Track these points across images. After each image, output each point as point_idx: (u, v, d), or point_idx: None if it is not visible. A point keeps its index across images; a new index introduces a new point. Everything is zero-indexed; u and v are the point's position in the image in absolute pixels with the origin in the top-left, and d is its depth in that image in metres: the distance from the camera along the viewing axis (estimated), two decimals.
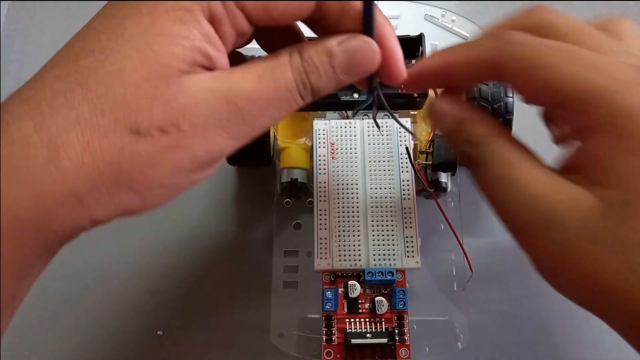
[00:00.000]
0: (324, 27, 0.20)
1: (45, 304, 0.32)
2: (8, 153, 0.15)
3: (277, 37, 0.21)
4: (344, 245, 0.27)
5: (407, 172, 0.29)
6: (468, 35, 0.37)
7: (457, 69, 0.21)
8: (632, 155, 0.17)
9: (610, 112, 0.18)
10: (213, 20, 0.18)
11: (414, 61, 0.29)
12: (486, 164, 0.20)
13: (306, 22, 0.21)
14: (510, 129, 0.27)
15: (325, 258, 0.27)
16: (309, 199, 0.32)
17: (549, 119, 0.22)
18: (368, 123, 0.30)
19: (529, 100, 0.20)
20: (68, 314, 0.33)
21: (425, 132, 0.31)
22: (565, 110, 0.19)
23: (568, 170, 0.19)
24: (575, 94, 0.18)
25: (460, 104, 0.22)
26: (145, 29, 0.17)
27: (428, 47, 0.34)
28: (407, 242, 0.27)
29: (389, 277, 0.26)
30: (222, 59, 0.18)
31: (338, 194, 0.28)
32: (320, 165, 0.29)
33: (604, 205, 0.18)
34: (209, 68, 0.18)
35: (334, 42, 0.19)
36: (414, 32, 0.28)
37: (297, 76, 0.19)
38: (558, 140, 0.22)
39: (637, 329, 0.18)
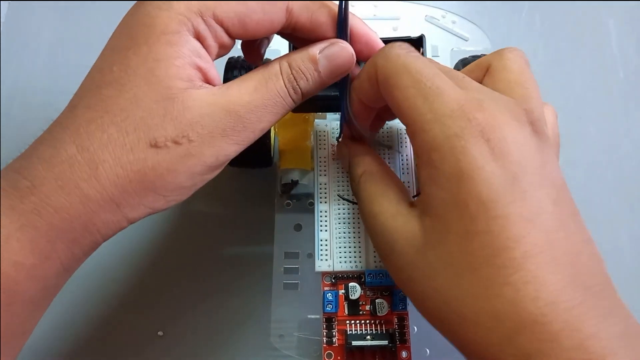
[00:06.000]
0: (299, 37, 0.23)
1: None
2: (60, 171, 0.19)
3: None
4: (345, 247, 0.27)
5: (407, 173, 0.29)
6: (468, 36, 0.37)
7: (364, 91, 0.23)
8: (435, 185, 0.19)
9: (425, 143, 0.20)
10: (199, 37, 0.21)
11: None
12: (359, 199, 0.24)
13: (282, 35, 0.24)
14: None
15: (326, 260, 0.27)
16: (310, 201, 0.32)
17: None
18: None
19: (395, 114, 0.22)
20: (67, 313, 0.33)
21: None
22: (407, 131, 0.21)
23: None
24: (410, 120, 0.20)
25: (353, 148, 0.25)
26: (145, 57, 0.20)
27: (429, 48, 0.34)
28: None
29: (390, 279, 0.26)
30: (212, 69, 0.21)
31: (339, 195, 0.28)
32: (321, 166, 0.29)
33: (423, 233, 0.20)
34: (203, 78, 0.21)
35: (316, 50, 0.22)
36: (414, 34, 0.28)
37: (287, 83, 0.22)
38: None
39: (455, 342, 0.20)
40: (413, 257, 0.20)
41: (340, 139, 0.28)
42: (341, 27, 0.22)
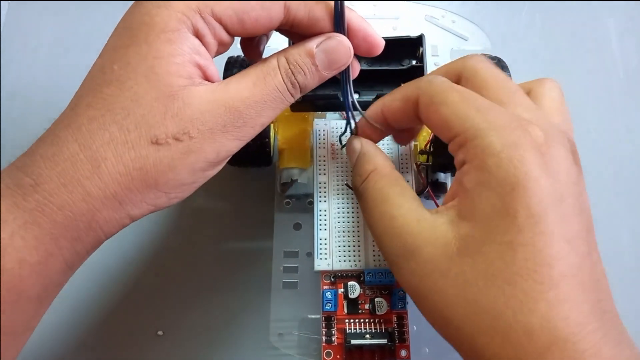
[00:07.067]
0: (297, 33, 0.23)
1: None
2: (63, 169, 0.19)
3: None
4: (344, 246, 0.27)
5: (406, 172, 0.29)
6: (468, 35, 0.37)
7: (392, 108, 0.24)
8: (486, 190, 0.19)
9: (479, 149, 0.20)
10: (198, 35, 0.21)
11: (414, 62, 0.29)
12: (367, 197, 0.23)
13: (281, 31, 0.24)
14: None
15: (325, 259, 0.27)
16: (309, 200, 0.32)
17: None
18: None
19: (435, 132, 0.23)
20: (67, 312, 0.33)
21: (425, 132, 0.31)
22: (454, 143, 0.21)
23: (448, 198, 0.21)
24: (461, 130, 0.20)
25: (365, 143, 0.25)
26: (145, 55, 0.20)
27: (428, 48, 0.34)
28: None
29: (389, 278, 0.26)
30: (211, 66, 0.22)
31: (338, 194, 0.28)
32: (320, 165, 0.29)
33: (458, 240, 0.20)
34: (202, 75, 0.21)
35: (313, 44, 0.22)
36: (414, 33, 0.28)
37: (285, 78, 0.22)
38: None
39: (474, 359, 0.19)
40: (443, 265, 0.20)
41: (343, 135, 0.28)
42: (338, 21, 0.22)
